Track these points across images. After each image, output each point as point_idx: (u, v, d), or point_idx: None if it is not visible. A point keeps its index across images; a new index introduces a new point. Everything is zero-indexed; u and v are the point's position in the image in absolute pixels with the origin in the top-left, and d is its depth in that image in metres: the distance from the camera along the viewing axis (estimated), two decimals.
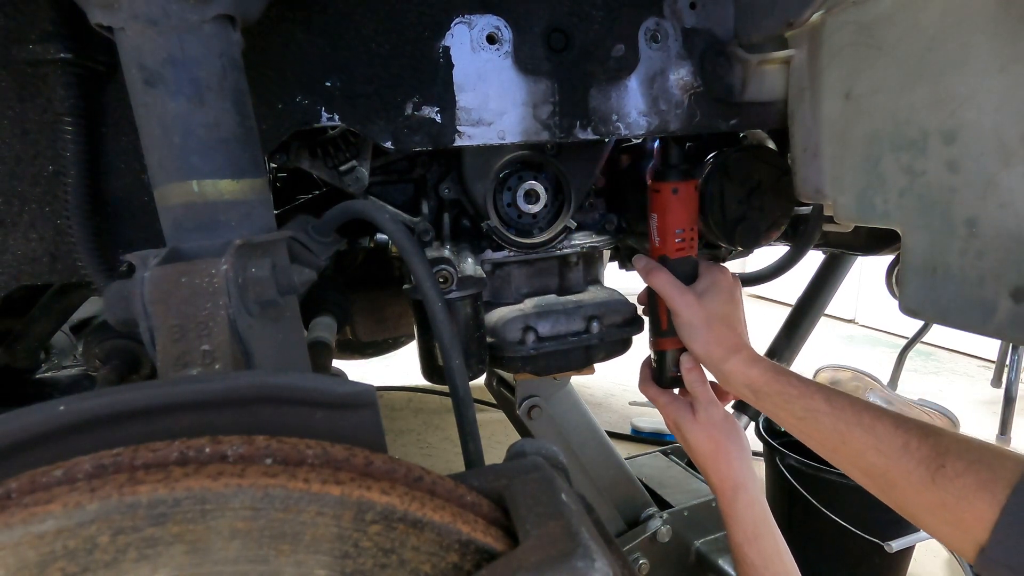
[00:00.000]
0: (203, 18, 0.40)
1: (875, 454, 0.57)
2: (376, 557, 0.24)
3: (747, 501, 0.76)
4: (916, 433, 0.54)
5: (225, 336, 0.37)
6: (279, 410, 0.28)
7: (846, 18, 0.59)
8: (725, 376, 0.73)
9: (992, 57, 0.47)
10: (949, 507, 0.49)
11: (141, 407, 0.26)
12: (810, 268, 1.32)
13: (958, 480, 0.49)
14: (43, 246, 0.56)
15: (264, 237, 0.43)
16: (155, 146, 0.42)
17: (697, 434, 0.79)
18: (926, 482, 0.52)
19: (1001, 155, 0.47)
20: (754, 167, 0.79)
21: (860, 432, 0.58)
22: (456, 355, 0.54)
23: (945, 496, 0.50)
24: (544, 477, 0.29)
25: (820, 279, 1.36)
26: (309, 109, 0.58)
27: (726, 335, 0.73)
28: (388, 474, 0.25)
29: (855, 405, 0.60)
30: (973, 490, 0.48)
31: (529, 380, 0.89)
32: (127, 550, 0.21)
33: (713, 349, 0.73)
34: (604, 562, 0.23)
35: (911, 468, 0.53)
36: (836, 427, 0.60)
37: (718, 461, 0.78)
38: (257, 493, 0.22)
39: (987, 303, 0.49)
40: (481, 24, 0.61)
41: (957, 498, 0.49)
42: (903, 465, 0.54)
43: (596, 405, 2.54)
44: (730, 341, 0.73)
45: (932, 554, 1.51)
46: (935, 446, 0.52)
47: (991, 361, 2.54)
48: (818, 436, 0.63)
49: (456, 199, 0.80)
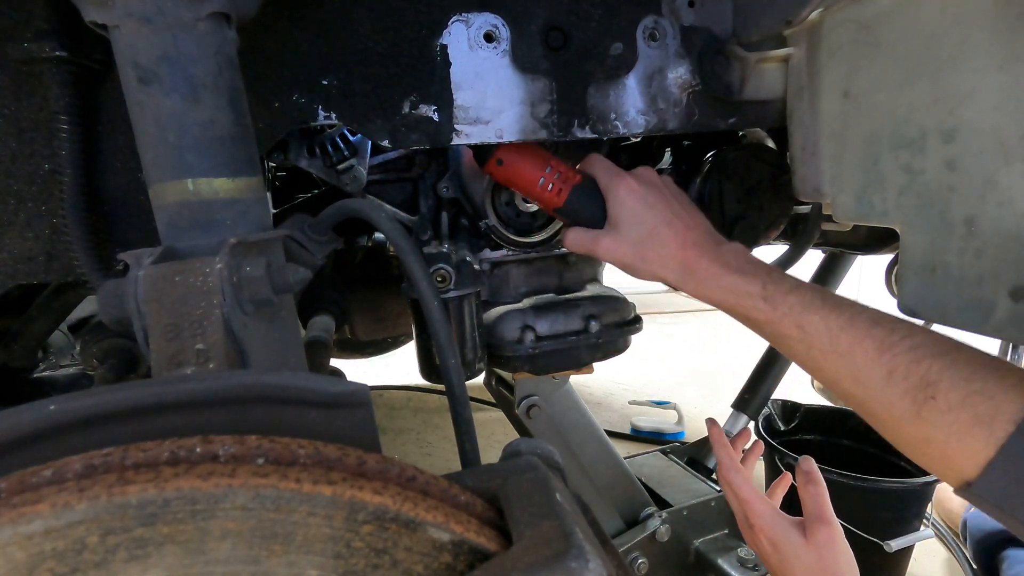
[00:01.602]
0: (198, 16, 0.40)
1: (852, 383, 0.50)
2: (368, 557, 0.24)
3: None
4: (905, 357, 0.47)
5: (219, 335, 0.36)
6: (272, 409, 0.28)
7: (845, 16, 0.59)
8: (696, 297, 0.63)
9: (991, 55, 0.46)
10: (935, 442, 0.44)
11: (132, 407, 0.25)
12: (810, 267, 1.32)
13: (950, 414, 0.43)
14: (39, 245, 0.56)
15: (259, 236, 0.43)
16: (150, 144, 0.42)
17: (808, 559, 0.67)
18: (911, 416, 0.45)
19: (1000, 154, 0.46)
20: (753, 166, 0.79)
21: (836, 359, 0.51)
22: (452, 354, 0.54)
23: (932, 431, 0.44)
24: (539, 477, 0.29)
25: (820, 278, 1.36)
26: (306, 107, 0.58)
27: (663, 254, 0.62)
28: (381, 474, 0.25)
29: (831, 327, 0.51)
30: (967, 426, 0.42)
31: (528, 379, 0.89)
32: (116, 551, 0.21)
33: (663, 275, 0.63)
34: (598, 562, 0.23)
35: (894, 400, 0.47)
36: (809, 354, 0.53)
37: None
38: (248, 493, 0.22)
39: (986, 302, 0.48)
40: (479, 22, 0.61)
41: (946, 434, 0.43)
42: (884, 397, 0.47)
43: (595, 404, 2.54)
44: (671, 258, 0.62)
45: (932, 554, 1.51)
46: (926, 373, 0.45)
47: None
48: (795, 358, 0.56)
49: (454, 198, 0.80)
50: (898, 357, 0.47)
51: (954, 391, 0.43)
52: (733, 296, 0.58)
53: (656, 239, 0.62)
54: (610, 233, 0.65)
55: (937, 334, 0.49)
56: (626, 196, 0.64)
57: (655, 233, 0.62)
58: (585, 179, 0.68)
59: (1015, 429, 0.40)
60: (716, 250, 0.61)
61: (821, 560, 0.68)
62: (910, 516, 1.31)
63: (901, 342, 0.48)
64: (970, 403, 0.42)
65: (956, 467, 0.44)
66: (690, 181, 0.82)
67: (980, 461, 0.41)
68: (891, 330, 0.49)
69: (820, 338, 0.52)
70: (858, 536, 1.23)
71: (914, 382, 0.46)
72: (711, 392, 2.62)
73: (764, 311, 0.56)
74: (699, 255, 0.61)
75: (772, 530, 0.72)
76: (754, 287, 0.57)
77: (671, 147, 0.87)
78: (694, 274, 0.61)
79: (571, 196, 0.67)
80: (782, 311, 0.55)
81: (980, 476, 0.41)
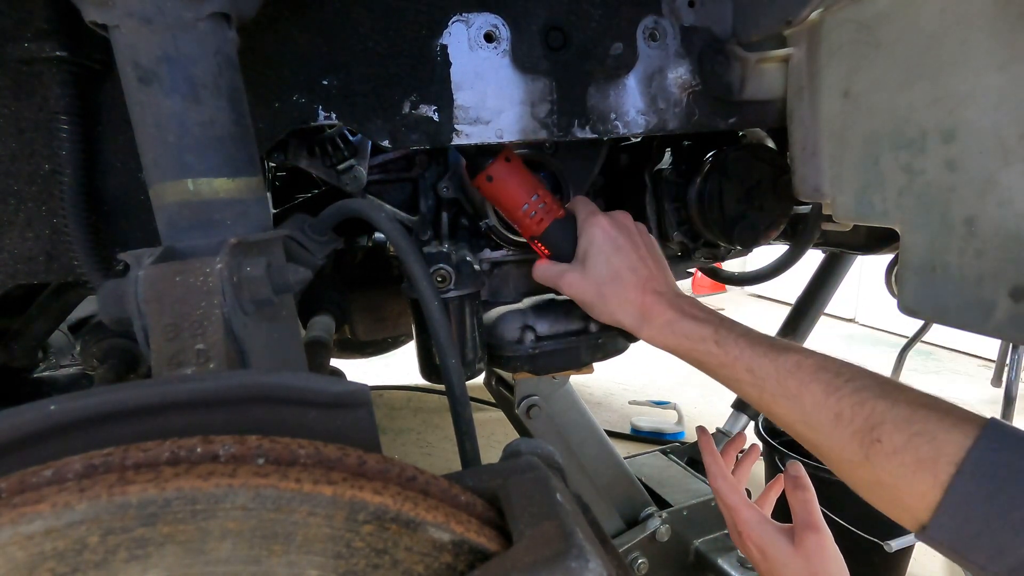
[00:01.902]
0: (198, 16, 0.40)
1: (804, 427, 0.51)
2: (369, 557, 0.24)
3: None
4: (850, 400, 0.48)
5: (219, 335, 0.36)
6: (272, 409, 0.28)
7: (845, 16, 0.59)
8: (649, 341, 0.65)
9: (991, 55, 0.46)
10: (886, 486, 0.45)
11: (133, 407, 0.25)
12: (810, 267, 1.32)
13: (895, 457, 0.44)
14: (39, 245, 0.56)
15: (259, 236, 0.43)
16: (150, 144, 0.42)
17: (797, 566, 0.67)
18: (860, 459, 0.46)
19: (1000, 154, 0.46)
20: (753, 166, 0.79)
21: (785, 403, 0.52)
22: (452, 354, 0.53)
23: (881, 474, 0.45)
24: (539, 477, 0.29)
25: (820, 278, 1.36)
26: (306, 107, 0.58)
27: (622, 296, 0.63)
28: (381, 474, 0.25)
29: (780, 371, 0.52)
30: (912, 469, 0.43)
31: (528, 379, 0.89)
32: (117, 551, 0.21)
33: (620, 318, 0.64)
34: (598, 562, 0.23)
35: (843, 443, 0.47)
36: (761, 398, 0.54)
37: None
38: (248, 493, 0.22)
39: (986, 302, 0.48)
40: (479, 22, 0.61)
41: (895, 477, 0.44)
42: (834, 440, 0.48)
43: (595, 404, 2.54)
44: (630, 302, 0.63)
45: (932, 554, 1.51)
46: (870, 415, 0.46)
47: (991, 360, 2.54)
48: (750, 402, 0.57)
49: (454, 198, 0.80)
50: (844, 400, 0.48)
51: (897, 433, 0.44)
52: (688, 341, 0.60)
53: (618, 282, 0.64)
54: (576, 269, 0.66)
55: (881, 377, 0.49)
56: (597, 235, 0.65)
57: (618, 276, 0.64)
58: (568, 215, 0.70)
59: (956, 471, 0.40)
60: (673, 299, 0.63)
61: (810, 567, 0.67)
62: None
63: (846, 385, 0.49)
64: (912, 445, 0.43)
65: (909, 510, 0.44)
66: (690, 181, 0.82)
67: (929, 504, 0.42)
68: (836, 373, 0.50)
69: (770, 381, 0.53)
70: (858, 536, 1.23)
71: (860, 425, 0.46)
72: (711, 392, 2.62)
73: (716, 355, 0.58)
74: (656, 301, 0.63)
75: (760, 537, 0.72)
76: (706, 331, 0.59)
77: (671, 147, 0.87)
78: (650, 320, 0.63)
79: (550, 228, 0.69)
80: (733, 355, 0.56)
81: (931, 519, 0.42)
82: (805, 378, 0.51)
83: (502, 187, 0.69)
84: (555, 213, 0.69)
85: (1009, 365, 1.98)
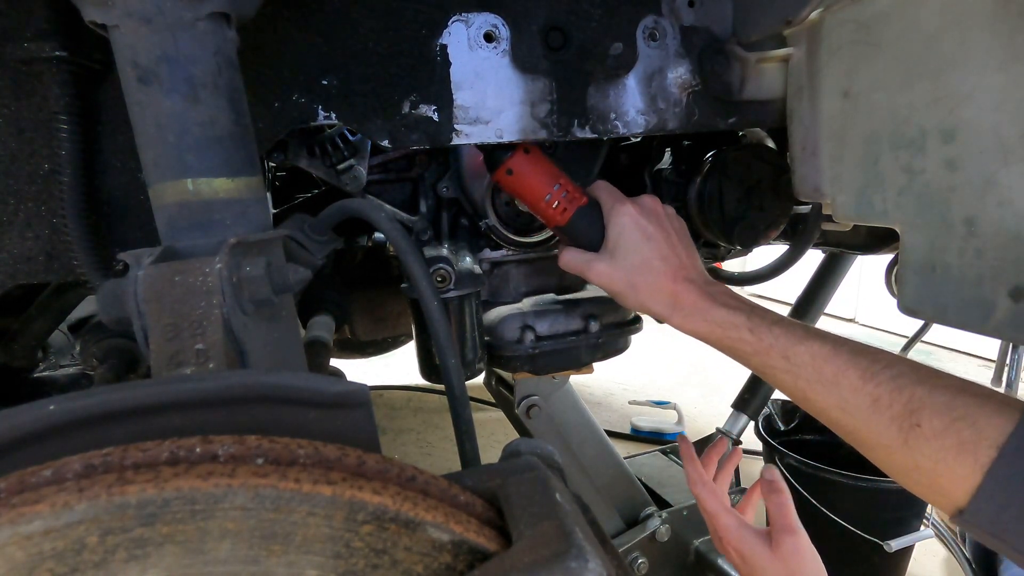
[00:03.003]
0: (197, 15, 0.40)
1: (840, 413, 0.51)
2: (368, 557, 0.24)
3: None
4: (888, 386, 0.47)
5: (219, 335, 0.36)
6: (272, 409, 0.28)
7: (845, 16, 0.59)
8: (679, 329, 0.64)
9: (991, 55, 0.46)
10: (924, 470, 0.45)
11: (132, 407, 0.25)
12: (809, 267, 1.32)
13: (935, 441, 0.43)
14: (39, 245, 0.56)
15: (259, 236, 0.43)
16: (149, 144, 0.42)
17: (776, 569, 0.68)
18: (898, 444, 0.46)
19: (1000, 154, 0.46)
20: (753, 166, 0.79)
21: (821, 389, 0.52)
22: (452, 354, 0.53)
23: (919, 458, 0.45)
24: (539, 477, 0.29)
25: (820, 278, 1.36)
26: (306, 107, 0.58)
27: (654, 285, 0.63)
28: (380, 474, 0.25)
29: (816, 358, 0.52)
30: (953, 453, 0.42)
31: (528, 379, 0.89)
32: (116, 551, 0.21)
33: (651, 306, 0.64)
34: (598, 562, 0.23)
35: (880, 428, 0.47)
36: (796, 384, 0.54)
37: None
38: (247, 493, 0.22)
39: (986, 302, 0.48)
40: (479, 22, 0.61)
41: (934, 461, 0.44)
42: (872, 425, 0.48)
43: (595, 404, 2.54)
44: (661, 291, 0.63)
45: (932, 554, 1.51)
46: (909, 401, 0.46)
47: (991, 361, 2.54)
48: (783, 389, 0.57)
49: (454, 198, 0.80)
50: (881, 386, 0.48)
51: (937, 418, 0.44)
52: (720, 328, 0.60)
53: (649, 270, 0.63)
54: (604, 258, 0.65)
55: (918, 363, 0.49)
56: (627, 223, 0.64)
57: (649, 264, 0.63)
58: (591, 201, 0.69)
59: (997, 454, 0.40)
60: (705, 286, 0.63)
61: (788, 569, 0.68)
62: (910, 516, 1.31)
63: (883, 371, 0.49)
64: (954, 429, 0.43)
65: (946, 494, 0.44)
66: (690, 181, 0.82)
67: (969, 488, 0.42)
68: (873, 359, 0.50)
69: (806, 368, 0.53)
70: (858, 536, 1.23)
71: (898, 410, 0.46)
72: (711, 392, 2.62)
73: (750, 342, 0.57)
74: (688, 289, 0.62)
75: (739, 542, 0.73)
76: (740, 319, 0.58)
77: (671, 147, 0.87)
78: (682, 307, 0.62)
79: (575, 216, 0.68)
80: (768, 342, 0.56)
81: (970, 503, 0.42)
82: (841, 364, 0.50)
83: (524, 179, 0.67)
84: (578, 201, 0.68)
85: (1009, 365, 1.98)
